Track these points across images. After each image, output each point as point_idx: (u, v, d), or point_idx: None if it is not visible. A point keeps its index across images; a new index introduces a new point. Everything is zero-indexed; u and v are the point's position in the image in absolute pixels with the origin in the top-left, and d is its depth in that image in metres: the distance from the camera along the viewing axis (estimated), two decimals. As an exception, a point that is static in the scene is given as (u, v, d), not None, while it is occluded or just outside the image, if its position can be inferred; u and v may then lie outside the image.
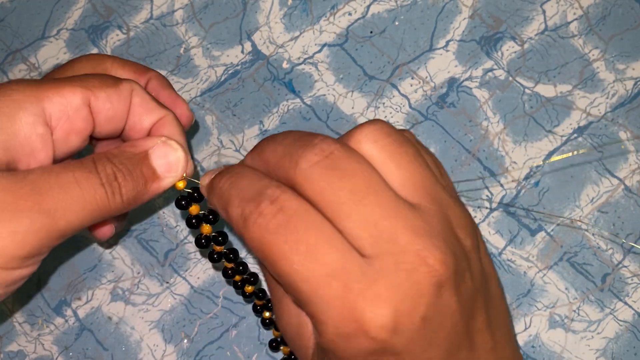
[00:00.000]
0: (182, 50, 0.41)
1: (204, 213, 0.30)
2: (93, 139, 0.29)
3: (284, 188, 0.23)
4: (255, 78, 0.40)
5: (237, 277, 0.32)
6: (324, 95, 0.40)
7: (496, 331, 0.26)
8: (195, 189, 0.29)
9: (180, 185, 0.28)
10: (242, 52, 0.41)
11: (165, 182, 0.27)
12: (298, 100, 0.40)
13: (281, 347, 0.34)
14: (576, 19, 0.40)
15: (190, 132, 0.40)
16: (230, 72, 0.40)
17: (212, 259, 0.31)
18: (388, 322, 0.22)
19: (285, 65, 0.40)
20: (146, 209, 0.39)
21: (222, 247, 0.30)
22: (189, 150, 0.30)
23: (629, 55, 0.39)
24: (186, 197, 0.29)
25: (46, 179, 0.24)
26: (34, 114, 0.25)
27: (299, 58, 0.40)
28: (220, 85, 0.40)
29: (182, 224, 0.38)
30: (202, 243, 0.30)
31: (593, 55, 0.40)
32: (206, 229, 0.30)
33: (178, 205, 0.29)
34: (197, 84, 0.40)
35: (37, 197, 0.23)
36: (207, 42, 0.41)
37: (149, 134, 0.28)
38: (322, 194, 0.23)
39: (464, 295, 0.24)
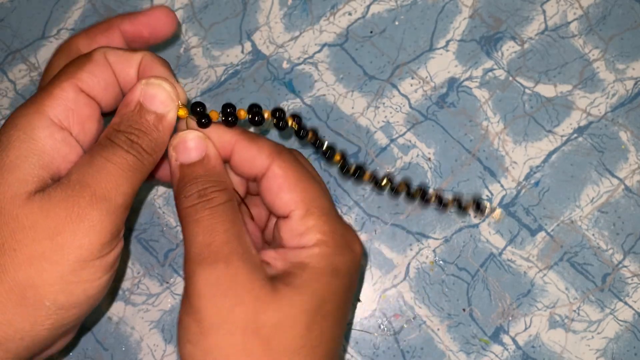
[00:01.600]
0: (182, 50, 0.41)
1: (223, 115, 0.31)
2: (108, 114, 0.30)
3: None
4: (255, 78, 0.40)
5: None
6: (324, 95, 0.40)
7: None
8: (199, 110, 0.30)
9: (182, 113, 0.29)
10: (242, 52, 0.41)
11: (170, 116, 0.29)
12: (298, 100, 0.40)
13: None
14: (576, 19, 0.40)
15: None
16: (230, 72, 0.40)
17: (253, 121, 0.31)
18: None
19: (285, 65, 0.40)
20: (146, 209, 0.39)
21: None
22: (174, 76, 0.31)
23: (629, 55, 0.39)
24: (200, 117, 0.30)
25: (86, 171, 0.26)
26: (46, 126, 0.27)
27: (299, 58, 0.40)
28: (220, 85, 0.40)
29: (182, 224, 0.38)
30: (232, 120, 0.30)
31: (593, 55, 0.40)
32: (242, 113, 0.31)
33: (202, 125, 0.30)
34: (197, 84, 0.40)
35: (89, 190, 0.26)
36: (207, 42, 0.41)
37: (138, 79, 0.29)
38: None
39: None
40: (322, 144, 0.33)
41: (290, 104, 0.40)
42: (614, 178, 0.38)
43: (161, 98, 0.28)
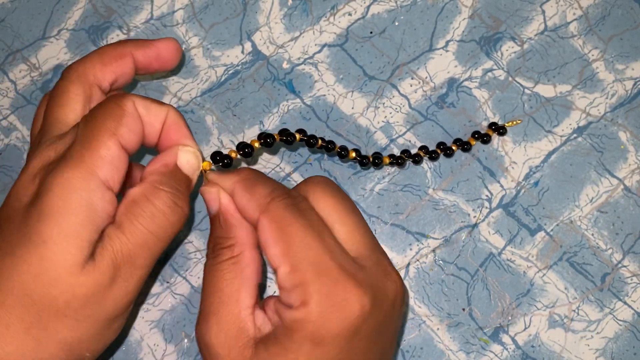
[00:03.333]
0: (182, 51, 0.41)
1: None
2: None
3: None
4: (255, 78, 0.40)
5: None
6: (324, 95, 0.40)
7: None
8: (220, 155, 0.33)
9: (206, 165, 0.32)
10: (242, 52, 0.41)
11: (195, 178, 0.31)
12: (298, 100, 0.40)
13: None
14: (576, 19, 0.40)
15: (191, 131, 0.40)
16: (230, 72, 0.40)
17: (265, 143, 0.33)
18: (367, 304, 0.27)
19: (285, 65, 0.40)
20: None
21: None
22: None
23: (629, 55, 0.40)
24: (223, 161, 0.32)
25: (126, 247, 0.28)
26: (99, 189, 0.27)
27: (299, 58, 0.40)
28: (221, 85, 0.40)
29: (183, 224, 0.39)
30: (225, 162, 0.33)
31: (593, 55, 0.40)
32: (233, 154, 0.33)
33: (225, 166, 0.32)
34: (198, 84, 0.40)
35: (131, 263, 0.28)
36: (208, 42, 0.41)
37: (161, 132, 0.31)
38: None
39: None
40: (334, 145, 0.35)
41: (290, 104, 0.40)
42: (613, 178, 0.38)
43: (192, 162, 0.30)
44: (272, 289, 0.38)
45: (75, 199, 0.26)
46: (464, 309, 0.37)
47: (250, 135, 0.40)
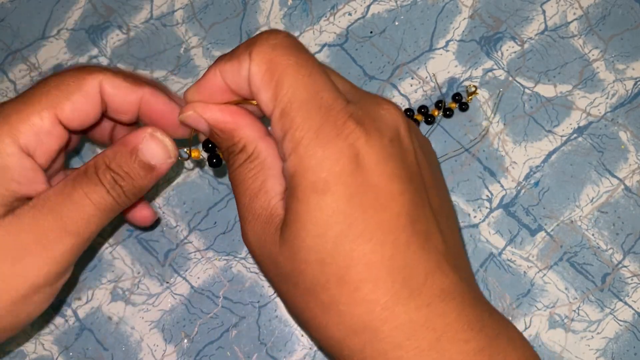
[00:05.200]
0: (182, 50, 0.41)
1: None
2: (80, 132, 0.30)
3: None
4: (255, 78, 0.40)
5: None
6: (324, 95, 0.40)
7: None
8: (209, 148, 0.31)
9: (195, 154, 0.30)
10: (242, 52, 0.41)
11: (161, 170, 0.29)
12: (298, 100, 0.40)
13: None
14: (576, 19, 0.40)
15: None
16: (230, 72, 0.40)
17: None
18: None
19: (285, 65, 0.40)
20: (146, 209, 0.39)
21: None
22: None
23: (629, 55, 0.40)
24: (211, 157, 0.30)
25: (62, 202, 0.27)
26: (16, 152, 0.26)
27: (299, 58, 0.40)
28: (221, 85, 0.40)
29: (182, 224, 0.38)
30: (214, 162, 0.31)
31: (593, 55, 0.40)
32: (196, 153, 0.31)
33: (212, 165, 0.31)
34: (197, 84, 0.40)
35: (61, 223, 0.27)
36: (208, 42, 0.41)
37: (139, 111, 0.29)
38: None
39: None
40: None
41: (290, 104, 0.40)
42: (613, 178, 0.38)
43: (160, 153, 0.28)
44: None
45: None
46: (464, 309, 0.37)
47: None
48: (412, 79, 0.40)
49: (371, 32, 0.41)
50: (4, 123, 0.26)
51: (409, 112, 0.39)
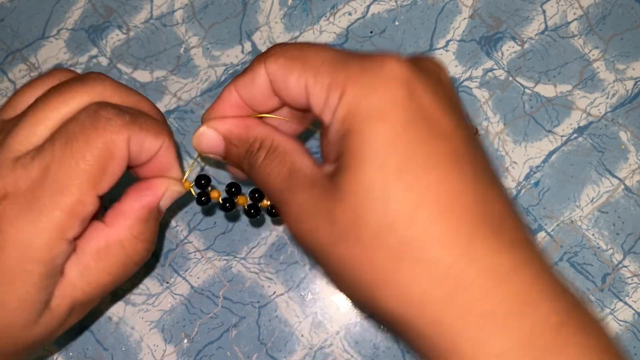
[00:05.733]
0: (182, 50, 0.41)
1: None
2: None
3: None
4: (255, 78, 0.40)
5: (242, 200, 0.31)
6: (324, 95, 0.40)
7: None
8: (202, 191, 0.31)
9: (187, 185, 0.29)
10: (242, 52, 0.41)
11: (164, 208, 0.29)
12: (298, 100, 0.40)
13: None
14: (576, 19, 0.40)
15: (190, 132, 0.40)
16: (230, 72, 0.40)
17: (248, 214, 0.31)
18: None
19: (285, 65, 0.40)
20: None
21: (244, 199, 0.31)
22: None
23: (629, 55, 0.39)
24: (201, 195, 0.31)
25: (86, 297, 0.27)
26: (65, 252, 0.25)
27: (299, 58, 0.40)
28: (221, 85, 0.40)
29: (182, 224, 0.38)
30: (227, 207, 0.31)
31: (593, 55, 0.40)
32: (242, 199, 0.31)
33: (200, 203, 0.31)
34: (197, 84, 0.40)
35: (104, 293, 0.27)
36: (207, 42, 0.41)
37: (156, 155, 0.28)
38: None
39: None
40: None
41: (290, 104, 0.40)
42: (613, 178, 0.38)
43: (175, 197, 0.28)
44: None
45: (34, 258, 0.24)
46: (464, 309, 0.37)
47: (250, 135, 0.40)
48: (412, 79, 0.40)
49: (371, 32, 0.41)
50: (48, 215, 0.24)
51: None
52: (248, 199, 0.31)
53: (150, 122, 0.26)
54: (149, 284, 0.38)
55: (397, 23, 0.41)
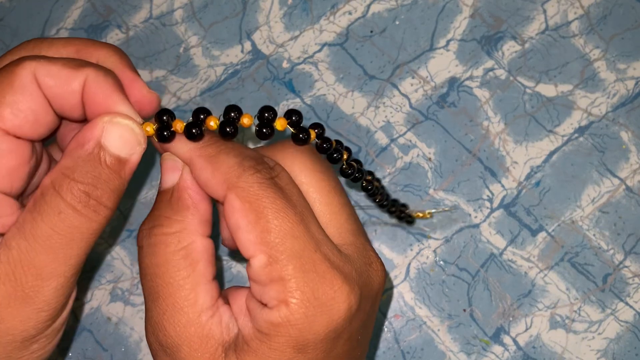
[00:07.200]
0: (181, 50, 0.41)
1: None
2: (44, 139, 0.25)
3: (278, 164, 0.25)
4: (255, 78, 0.40)
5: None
6: (324, 94, 0.40)
7: None
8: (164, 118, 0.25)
9: (149, 130, 0.24)
10: (242, 51, 0.41)
11: (134, 159, 0.24)
12: (298, 99, 0.40)
13: None
14: (577, 19, 0.40)
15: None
16: (230, 71, 0.40)
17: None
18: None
19: (285, 64, 0.40)
20: (146, 208, 0.39)
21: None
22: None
23: (630, 55, 0.39)
24: (163, 132, 0.24)
25: (28, 247, 0.22)
26: None
27: (299, 57, 0.40)
28: (220, 84, 0.40)
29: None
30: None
31: (594, 54, 0.39)
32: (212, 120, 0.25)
33: (163, 140, 0.25)
34: (197, 83, 0.40)
35: (32, 271, 0.22)
36: (207, 41, 0.41)
37: (84, 100, 0.23)
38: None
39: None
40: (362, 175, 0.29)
41: (290, 104, 0.40)
42: (614, 178, 0.38)
43: (128, 140, 0.23)
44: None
45: None
46: (464, 310, 0.37)
47: (250, 134, 0.40)
48: (412, 78, 0.40)
49: (371, 32, 0.41)
50: None
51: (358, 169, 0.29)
52: (220, 119, 0.25)
53: (70, 59, 0.23)
54: (149, 284, 0.38)
55: (397, 22, 0.41)
